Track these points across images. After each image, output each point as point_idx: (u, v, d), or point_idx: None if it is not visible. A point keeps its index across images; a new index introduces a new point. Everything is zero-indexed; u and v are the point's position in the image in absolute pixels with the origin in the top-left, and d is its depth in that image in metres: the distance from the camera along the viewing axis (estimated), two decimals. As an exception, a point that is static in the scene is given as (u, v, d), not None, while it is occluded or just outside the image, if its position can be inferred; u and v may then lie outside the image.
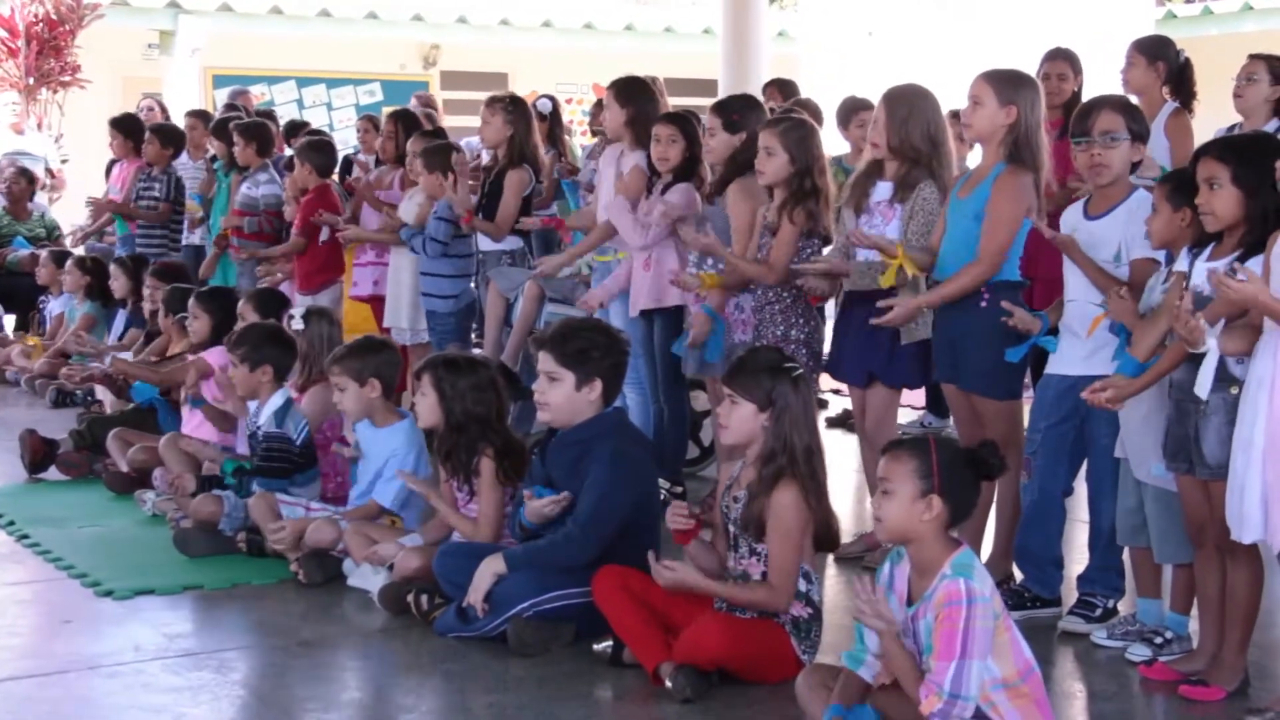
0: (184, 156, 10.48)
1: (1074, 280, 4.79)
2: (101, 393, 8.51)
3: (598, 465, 4.66)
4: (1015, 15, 11.68)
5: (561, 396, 4.76)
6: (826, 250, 5.84)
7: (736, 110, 6.18)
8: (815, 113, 8.31)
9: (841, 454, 7.55)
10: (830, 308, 6.27)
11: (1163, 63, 6.66)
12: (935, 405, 7.95)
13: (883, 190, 5.47)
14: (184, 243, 10.29)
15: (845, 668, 3.72)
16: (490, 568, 4.71)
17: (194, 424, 6.93)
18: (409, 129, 8.40)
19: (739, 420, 4.32)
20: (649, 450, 5.00)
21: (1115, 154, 4.73)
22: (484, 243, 7.66)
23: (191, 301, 7.27)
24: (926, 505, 3.55)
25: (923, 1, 12.70)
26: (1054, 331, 4.90)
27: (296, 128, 10.76)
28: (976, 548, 4.89)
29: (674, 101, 8.79)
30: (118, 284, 9.51)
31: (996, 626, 3.52)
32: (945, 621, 3.45)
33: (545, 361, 4.78)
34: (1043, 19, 11.20)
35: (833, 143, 7.98)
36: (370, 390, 5.64)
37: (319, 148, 8.83)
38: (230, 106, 11.11)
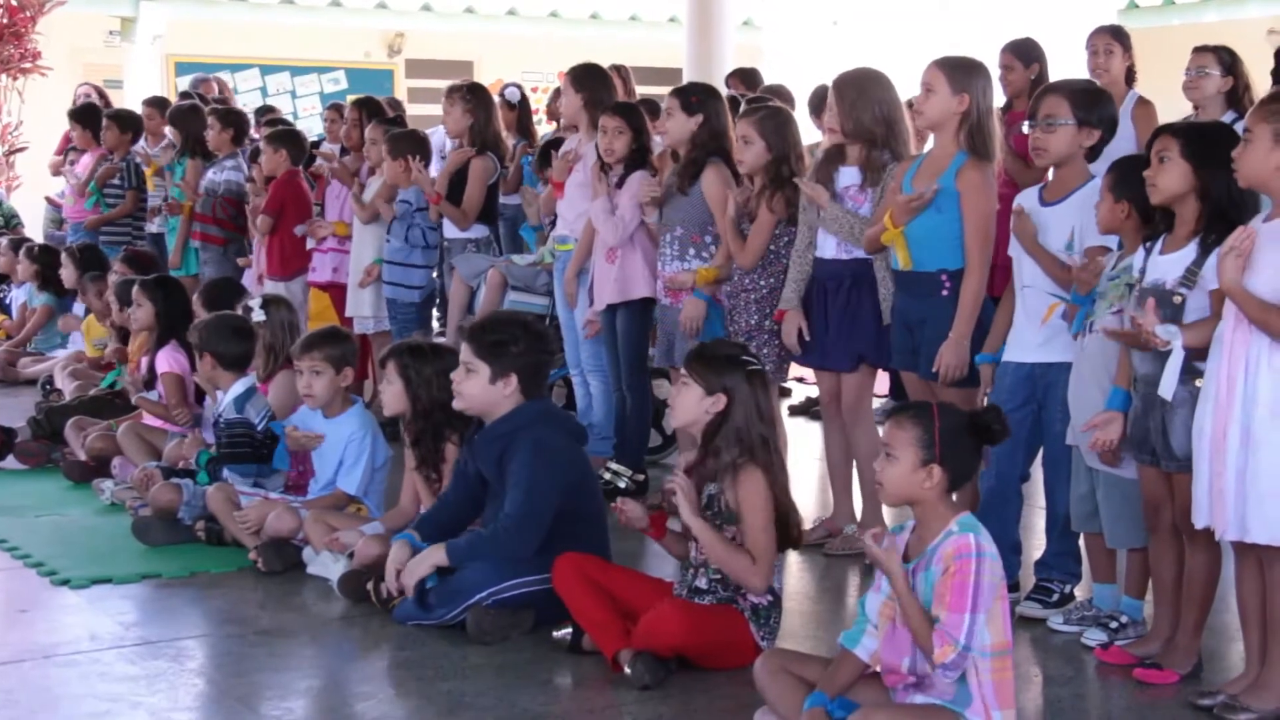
0: (141, 143, 10.40)
1: (1030, 266, 4.81)
2: (61, 381, 8.45)
3: (519, 457, 4.67)
4: (977, 5, 11.72)
5: (476, 388, 4.78)
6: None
7: (696, 93, 6.22)
8: (788, 99, 8.32)
9: (804, 442, 7.58)
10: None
11: (1131, 51, 6.75)
12: (899, 392, 7.98)
13: (848, 175, 5.48)
14: (145, 231, 10.23)
15: (841, 649, 3.72)
16: (429, 558, 4.72)
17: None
18: (374, 117, 8.36)
19: (685, 401, 4.37)
20: (576, 435, 4.98)
21: (1053, 138, 4.75)
22: (449, 230, 7.65)
23: (135, 289, 7.22)
24: (927, 474, 3.59)
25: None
26: None
27: (264, 113, 10.70)
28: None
29: (639, 90, 8.79)
30: (67, 273, 9.44)
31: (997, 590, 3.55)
32: (957, 574, 3.48)
33: (464, 351, 4.81)
34: (1006, 8, 11.25)
35: (805, 131, 7.99)
36: (343, 379, 5.66)
37: (294, 136, 8.79)
38: (185, 95, 11.04)
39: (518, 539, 4.63)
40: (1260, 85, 6.56)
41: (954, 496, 3.70)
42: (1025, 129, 4.87)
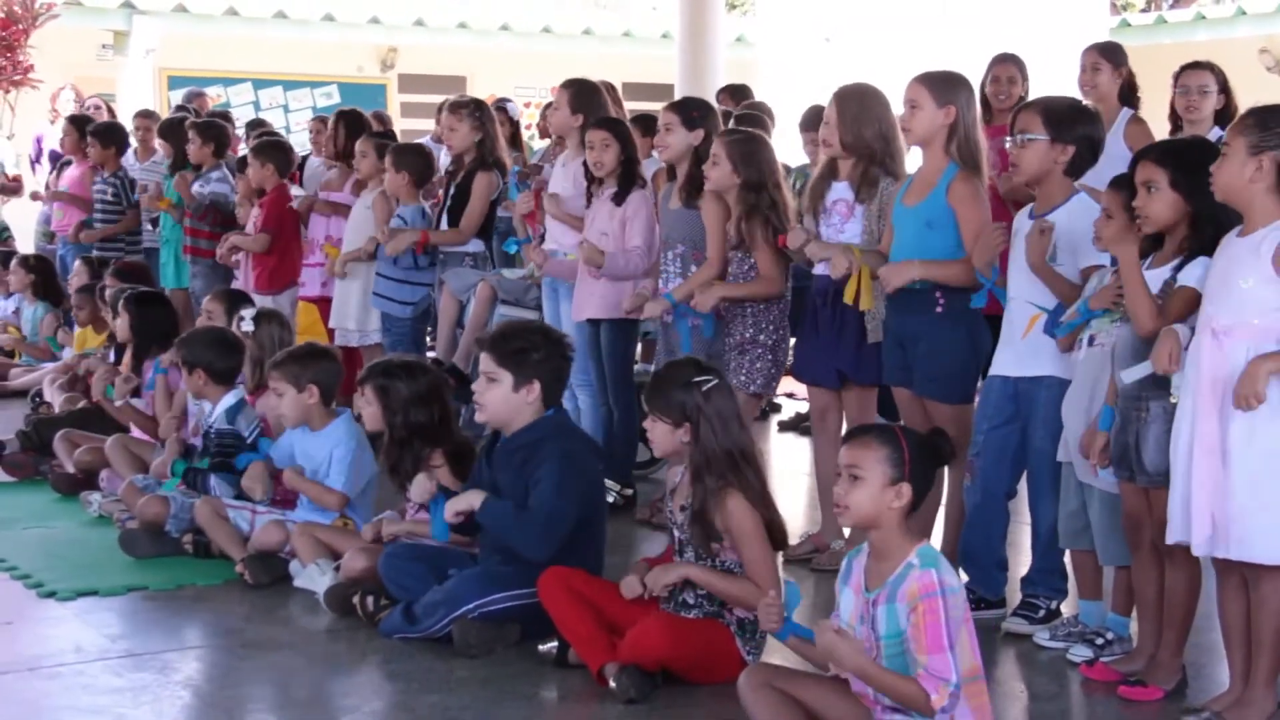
0: (131, 157, 10.39)
1: (1015, 279, 4.82)
2: (50, 394, 8.44)
3: (548, 464, 4.65)
4: (970, 22, 11.75)
5: (499, 397, 4.77)
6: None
7: (695, 108, 6.23)
8: (767, 113, 8.34)
9: (792, 457, 7.59)
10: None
11: (1124, 68, 6.74)
12: (884, 408, 7.97)
13: (839, 190, 5.47)
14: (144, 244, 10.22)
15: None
16: (469, 499, 4.67)
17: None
18: (354, 129, 8.34)
19: (658, 437, 4.42)
20: (596, 451, 5.02)
21: (1026, 153, 4.74)
22: (446, 243, 7.64)
23: (120, 301, 7.25)
24: (896, 493, 3.59)
25: (879, 7, 12.76)
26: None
27: (255, 127, 10.71)
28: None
29: (632, 106, 8.81)
30: (78, 282, 9.41)
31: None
32: (928, 614, 3.46)
33: (485, 362, 4.81)
34: (998, 26, 11.27)
35: (795, 150, 8.00)
36: (308, 396, 5.63)
37: (279, 147, 8.78)
38: (181, 108, 11.04)
39: (542, 534, 4.58)
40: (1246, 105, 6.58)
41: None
42: (1007, 144, 4.87)
